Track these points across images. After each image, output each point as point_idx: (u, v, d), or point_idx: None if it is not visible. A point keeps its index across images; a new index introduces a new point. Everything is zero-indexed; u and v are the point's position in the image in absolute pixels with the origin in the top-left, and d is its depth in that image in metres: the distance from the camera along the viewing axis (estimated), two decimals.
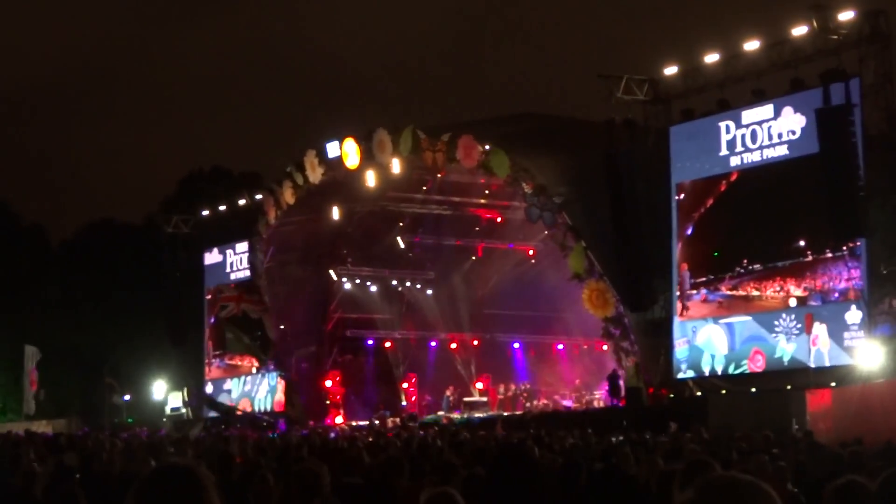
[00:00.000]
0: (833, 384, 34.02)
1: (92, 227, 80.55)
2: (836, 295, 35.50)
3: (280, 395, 54.38)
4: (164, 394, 61.45)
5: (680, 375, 40.03)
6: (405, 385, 56.43)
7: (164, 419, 58.31)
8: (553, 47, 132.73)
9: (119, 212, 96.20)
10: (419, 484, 11.74)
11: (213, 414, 56.55)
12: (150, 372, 63.15)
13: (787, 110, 37.31)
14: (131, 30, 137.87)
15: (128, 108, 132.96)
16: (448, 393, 53.20)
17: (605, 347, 44.33)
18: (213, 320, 59.28)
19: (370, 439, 28.68)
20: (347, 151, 47.05)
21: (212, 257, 60.14)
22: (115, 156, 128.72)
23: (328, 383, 55.50)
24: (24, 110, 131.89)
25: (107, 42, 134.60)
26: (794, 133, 37.05)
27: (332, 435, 36.55)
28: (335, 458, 17.22)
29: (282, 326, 53.04)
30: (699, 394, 38.87)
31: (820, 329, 35.49)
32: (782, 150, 37.45)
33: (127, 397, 62.72)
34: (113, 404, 60.09)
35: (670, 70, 41.06)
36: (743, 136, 38.62)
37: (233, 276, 58.41)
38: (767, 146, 37.86)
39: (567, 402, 49.80)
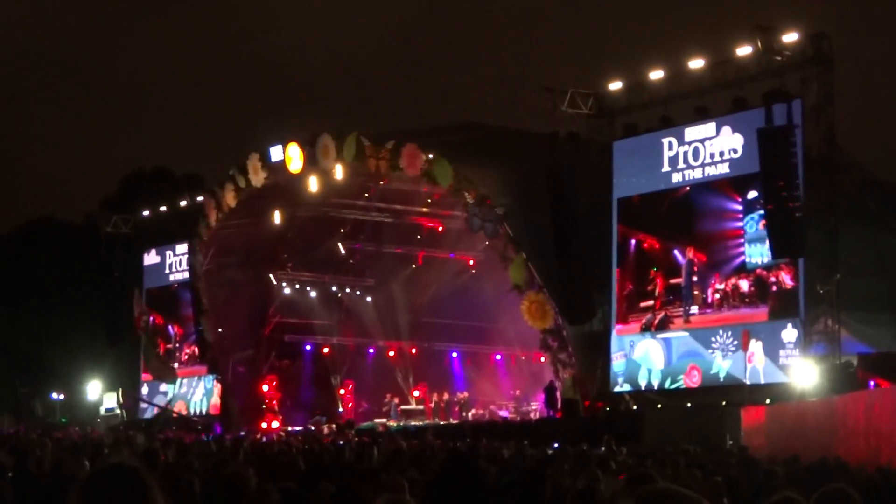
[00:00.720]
0: (768, 401, 34.31)
1: (30, 224, 79.88)
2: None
3: (216, 399, 54.15)
4: (99, 394, 61.00)
5: (616, 389, 40.20)
6: (342, 391, 56.33)
7: (99, 420, 57.87)
8: (499, 59, 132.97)
9: (59, 209, 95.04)
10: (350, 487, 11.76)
11: (147, 416, 56.28)
12: (86, 372, 62.65)
13: (730, 129, 37.59)
14: (77, 28, 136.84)
15: (71, 106, 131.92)
16: (396, 401, 53.28)
17: (542, 359, 44.44)
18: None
19: (305, 445, 28.58)
20: (291, 156, 46.90)
21: (150, 258, 59.89)
22: (56, 153, 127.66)
23: (265, 388, 55.25)
24: None
25: (51, 39, 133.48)
26: (735, 152, 37.32)
27: (264, 439, 36.48)
28: (269, 463, 17.17)
29: (219, 329, 52.72)
30: (635, 408, 39.08)
31: (756, 346, 35.80)
32: (724, 169, 37.73)
33: (61, 396, 62.25)
34: (33, 411, 59.66)
35: (615, 85, 41.24)
36: (685, 154, 38.87)
37: (171, 278, 58.23)
38: (709, 164, 38.13)
39: (504, 413, 49.85)
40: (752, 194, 36.75)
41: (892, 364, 30.89)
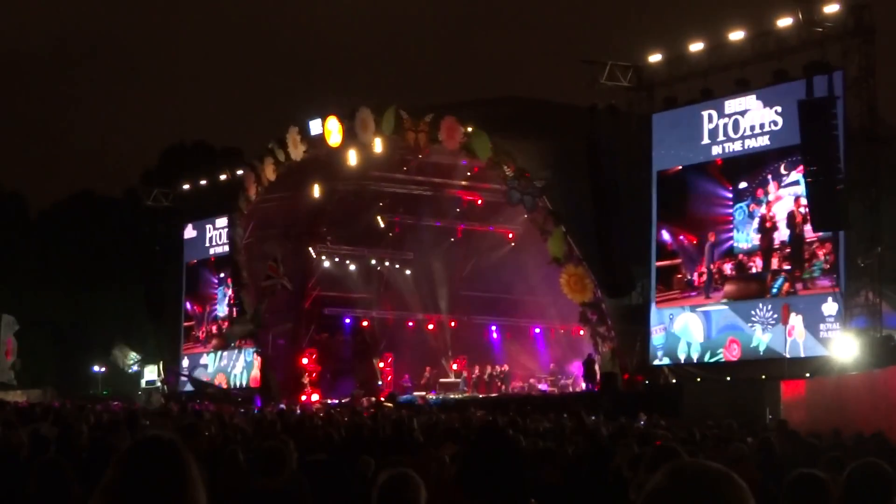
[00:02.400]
0: (808, 375, 34.18)
1: (72, 199, 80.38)
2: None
3: (256, 372, 54.34)
4: (140, 367, 61.43)
5: (655, 362, 40.16)
6: (381, 364, 56.45)
7: (140, 392, 58.30)
8: (538, 31, 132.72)
9: (99, 184, 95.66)
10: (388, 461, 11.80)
11: (188, 388, 56.58)
12: (127, 345, 63.03)
13: (770, 101, 37.40)
14: (118, 3, 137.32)
15: (113, 80, 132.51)
16: (465, 373, 53.49)
17: (581, 332, 44.41)
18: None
19: (345, 418, 28.71)
20: (330, 129, 47.00)
21: (190, 232, 60.13)
22: (98, 127, 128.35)
23: (304, 361, 55.43)
24: (6, 79, 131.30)
25: (93, 14, 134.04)
26: (775, 124, 37.14)
27: (298, 411, 36.62)
28: (306, 436, 17.28)
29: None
30: (674, 381, 39.02)
31: (796, 320, 35.64)
32: (764, 141, 37.55)
33: (102, 369, 62.76)
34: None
35: (654, 57, 41.06)
36: (725, 126, 38.70)
37: (212, 251, 58.39)
38: (749, 136, 37.95)
39: (543, 386, 49.90)
40: (743, 184, 37.91)
41: None
